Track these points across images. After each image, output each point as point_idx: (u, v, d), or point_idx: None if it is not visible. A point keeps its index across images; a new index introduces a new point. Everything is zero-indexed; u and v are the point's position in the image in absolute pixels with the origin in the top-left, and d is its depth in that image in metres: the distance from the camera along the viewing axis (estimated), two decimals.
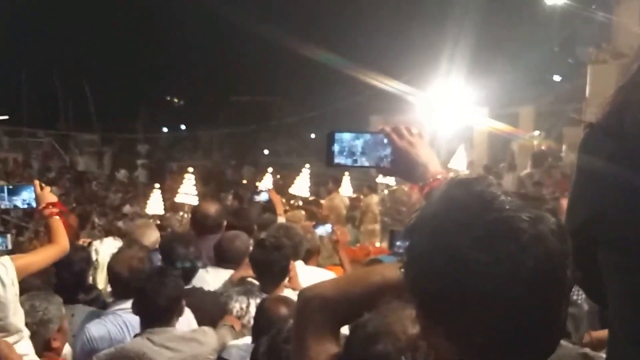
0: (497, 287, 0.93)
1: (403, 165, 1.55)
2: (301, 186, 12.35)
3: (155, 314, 3.02)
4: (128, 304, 3.27)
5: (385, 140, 1.57)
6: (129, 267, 3.43)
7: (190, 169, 11.37)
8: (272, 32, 30.39)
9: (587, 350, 2.81)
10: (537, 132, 19.06)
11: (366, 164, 1.59)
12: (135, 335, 3.07)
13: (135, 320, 3.19)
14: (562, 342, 1.54)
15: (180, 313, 3.12)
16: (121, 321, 3.27)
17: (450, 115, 17.71)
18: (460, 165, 13.67)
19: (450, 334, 0.98)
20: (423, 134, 1.59)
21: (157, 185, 13.14)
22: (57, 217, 3.26)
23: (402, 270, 1.06)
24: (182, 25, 40.78)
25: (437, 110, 17.67)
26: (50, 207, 3.23)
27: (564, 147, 16.88)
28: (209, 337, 3.14)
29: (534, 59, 22.11)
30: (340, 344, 1.39)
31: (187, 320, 3.33)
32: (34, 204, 3.29)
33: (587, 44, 19.53)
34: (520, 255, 0.93)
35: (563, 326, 1.01)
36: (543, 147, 18.08)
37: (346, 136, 1.58)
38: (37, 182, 3.31)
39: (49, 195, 3.27)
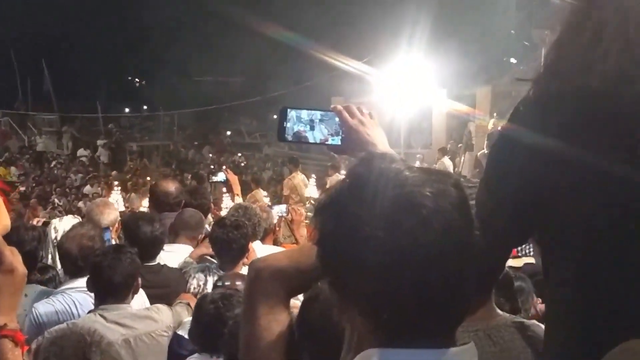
0: (398, 262, 0.94)
1: (353, 143, 1.55)
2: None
3: (110, 290, 2.99)
4: (77, 282, 3.31)
5: (337, 119, 1.58)
6: (79, 245, 3.39)
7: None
8: (235, 13, 30.14)
9: (523, 319, 2.95)
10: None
11: (317, 140, 1.60)
12: (88, 312, 3.07)
13: (84, 299, 3.21)
14: (500, 312, 1.66)
15: (135, 290, 3.12)
16: (70, 300, 3.24)
17: (410, 96, 17.95)
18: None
19: (361, 310, 0.99)
20: (374, 115, 1.60)
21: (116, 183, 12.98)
22: None
23: (315, 249, 1.06)
24: (144, 4, 40.05)
25: (397, 92, 17.89)
26: None
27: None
28: (163, 314, 3.15)
29: (491, 41, 22.40)
30: (290, 313, 1.42)
31: (141, 299, 3.33)
32: None
33: (542, 27, 19.94)
34: (420, 229, 0.93)
35: (468, 298, 1.02)
36: (499, 128, 18.46)
37: (298, 113, 1.59)
38: None
39: None
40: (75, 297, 3.27)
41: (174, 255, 4.09)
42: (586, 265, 1.29)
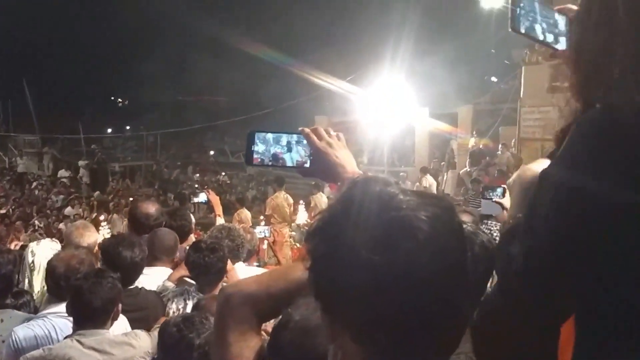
0: (394, 286, 0.92)
1: (321, 165, 1.54)
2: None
3: (89, 315, 2.94)
4: (59, 307, 3.25)
5: (305, 141, 1.57)
6: (66, 265, 3.33)
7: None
8: (219, 33, 30.28)
9: None
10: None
11: (286, 164, 1.59)
12: (66, 337, 3.00)
13: (64, 325, 3.15)
14: None
15: (115, 316, 3.06)
16: (50, 325, 3.20)
17: (392, 115, 18.07)
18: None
19: (355, 336, 0.97)
20: (341, 136, 1.59)
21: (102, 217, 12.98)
22: None
23: (307, 274, 1.03)
24: (127, 25, 40.11)
25: (380, 111, 18.01)
26: None
27: (500, 146, 17.45)
28: (142, 340, 3.08)
29: (472, 60, 22.70)
30: (262, 338, 1.39)
31: (122, 324, 3.28)
32: None
33: (521, 47, 20.23)
34: (416, 253, 0.92)
35: (464, 321, 1.01)
36: (481, 146, 18.64)
37: (266, 136, 1.58)
38: None
39: None
40: (55, 323, 3.21)
41: (151, 278, 4.01)
42: None
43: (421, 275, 0.92)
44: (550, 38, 1.46)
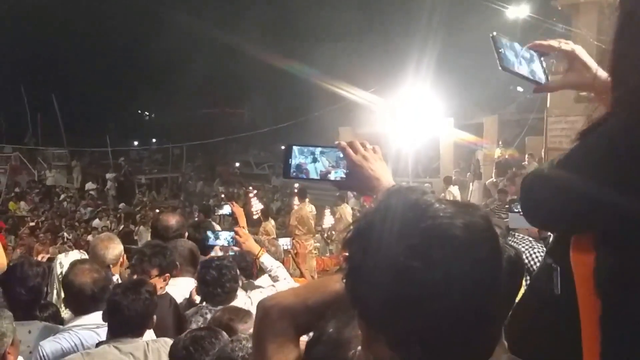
0: (431, 293, 0.93)
1: (357, 178, 1.57)
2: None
3: (126, 328, 3.05)
4: (84, 320, 3.29)
5: (341, 154, 1.59)
6: (88, 280, 3.36)
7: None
8: (244, 45, 30.52)
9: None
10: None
11: (323, 177, 1.61)
12: (100, 343, 3.10)
13: (89, 337, 3.20)
14: (506, 347, 1.54)
15: (150, 326, 3.16)
16: (76, 338, 3.23)
17: (417, 126, 18.00)
18: None
19: (391, 343, 0.98)
20: (377, 149, 1.61)
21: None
22: None
23: (343, 281, 1.05)
24: (152, 38, 40.66)
25: (404, 122, 17.95)
26: None
27: (526, 156, 17.29)
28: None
29: (497, 70, 22.45)
30: (300, 351, 1.39)
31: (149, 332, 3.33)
32: None
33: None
34: (452, 261, 0.93)
35: (498, 331, 1.02)
36: (507, 156, 18.49)
37: (303, 149, 1.61)
38: None
39: None
40: (81, 335, 3.24)
41: (176, 289, 4.06)
42: None
43: (457, 282, 0.93)
44: (532, 74, 1.59)
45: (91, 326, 3.27)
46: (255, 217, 11.14)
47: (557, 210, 1.32)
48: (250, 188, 19.26)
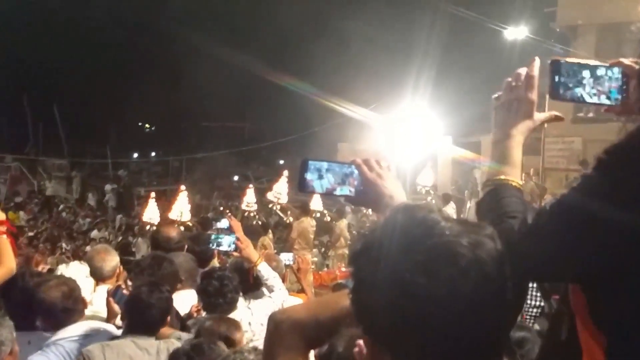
0: (436, 311, 0.94)
1: (371, 195, 1.60)
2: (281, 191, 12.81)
3: (145, 326, 3.22)
4: (69, 332, 3.35)
5: (348, 172, 1.63)
6: (57, 295, 3.39)
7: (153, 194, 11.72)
8: (243, 60, 30.67)
9: None
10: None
11: (336, 192, 1.65)
12: (115, 337, 3.25)
13: (76, 348, 3.26)
14: None
15: (165, 324, 3.34)
16: (63, 351, 3.25)
17: (415, 143, 18.09)
18: (426, 181, 14.05)
19: (396, 359, 0.99)
20: (391, 167, 1.66)
21: (152, 194, 13.43)
22: (4, 236, 3.06)
23: (349, 296, 1.05)
24: (154, 52, 40.85)
25: (403, 138, 18.04)
26: None
27: (523, 175, 17.35)
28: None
29: (496, 90, 22.62)
30: None
31: None
32: None
33: (545, 77, 20.22)
34: (459, 279, 0.94)
35: (502, 349, 1.03)
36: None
37: (319, 164, 1.64)
38: None
39: None
40: (68, 347, 3.28)
41: (179, 301, 4.08)
42: None
43: (464, 301, 0.95)
44: (598, 97, 1.50)
45: (75, 338, 3.31)
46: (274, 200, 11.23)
47: (556, 258, 1.32)
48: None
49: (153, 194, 11.96)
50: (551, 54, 21.24)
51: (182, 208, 12.28)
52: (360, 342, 1.11)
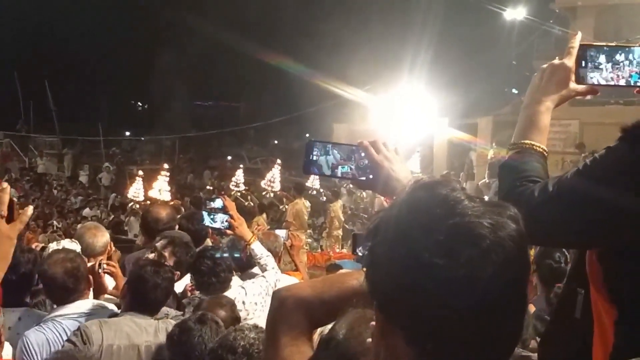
0: (454, 292, 0.91)
1: (378, 178, 1.57)
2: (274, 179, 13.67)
3: (147, 305, 3.20)
4: (67, 309, 3.28)
5: (362, 153, 1.60)
6: (63, 269, 3.31)
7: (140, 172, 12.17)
8: (238, 40, 30.45)
9: (530, 353, 2.75)
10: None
11: (343, 175, 1.63)
12: (114, 315, 3.23)
13: (73, 326, 3.18)
14: None
15: (164, 305, 3.34)
16: (60, 328, 3.21)
17: (411, 124, 18.03)
18: (415, 167, 14.10)
19: (408, 337, 0.96)
20: (398, 150, 1.63)
21: (166, 166, 13.89)
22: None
23: (364, 270, 1.03)
24: (148, 30, 40.51)
25: (399, 120, 17.97)
26: None
27: None
28: None
29: (493, 71, 22.60)
30: (313, 345, 1.39)
31: None
32: None
33: (543, 58, 20.11)
34: (479, 261, 0.92)
35: (519, 334, 1.01)
36: (499, 158, 18.52)
37: (324, 146, 1.62)
38: None
39: None
40: (65, 325, 3.22)
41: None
42: None
43: (483, 284, 0.92)
44: (627, 79, 1.54)
45: (74, 315, 3.26)
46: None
47: (576, 227, 1.39)
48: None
49: (141, 172, 12.03)
50: (549, 35, 21.12)
51: (161, 187, 12.50)
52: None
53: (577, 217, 1.36)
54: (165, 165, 13.67)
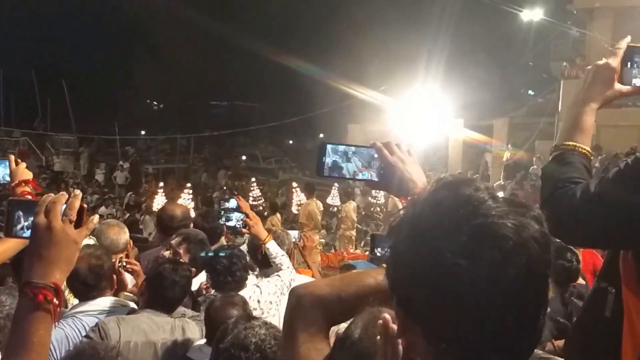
0: (476, 293, 0.91)
1: (392, 179, 1.56)
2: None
3: (165, 303, 3.24)
4: (88, 306, 3.26)
5: (375, 155, 1.59)
6: (87, 264, 3.28)
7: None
8: (254, 41, 30.51)
9: (551, 356, 2.83)
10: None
11: (356, 176, 1.62)
12: (132, 312, 3.23)
13: (93, 323, 3.16)
14: None
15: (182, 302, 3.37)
16: (80, 324, 3.19)
17: (426, 125, 17.95)
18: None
19: (428, 335, 0.96)
20: (412, 152, 1.62)
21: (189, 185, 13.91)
22: (30, 197, 2.81)
23: (385, 266, 1.03)
24: (164, 30, 40.68)
25: (413, 120, 17.91)
26: (24, 184, 2.89)
27: (534, 159, 17.23)
28: (192, 328, 3.30)
29: (509, 73, 22.46)
30: (329, 343, 1.39)
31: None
32: (8, 179, 2.94)
33: (560, 60, 19.98)
34: (502, 263, 0.91)
35: (539, 335, 0.99)
36: (515, 159, 18.43)
37: (337, 148, 1.61)
38: (12, 157, 2.97)
39: (24, 172, 2.93)
40: (85, 322, 3.21)
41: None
42: None
43: (502, 283, 0.91)
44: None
45: (94, 312, 3.24)
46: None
47: (616, 227, 1.41)
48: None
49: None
50: (566, 36, 20.96)
51: (185, 204, 12.63)
52: (386, 316, 1.08)
53: (617, 217, 1.38)
54: (188, 185, 13.69)
